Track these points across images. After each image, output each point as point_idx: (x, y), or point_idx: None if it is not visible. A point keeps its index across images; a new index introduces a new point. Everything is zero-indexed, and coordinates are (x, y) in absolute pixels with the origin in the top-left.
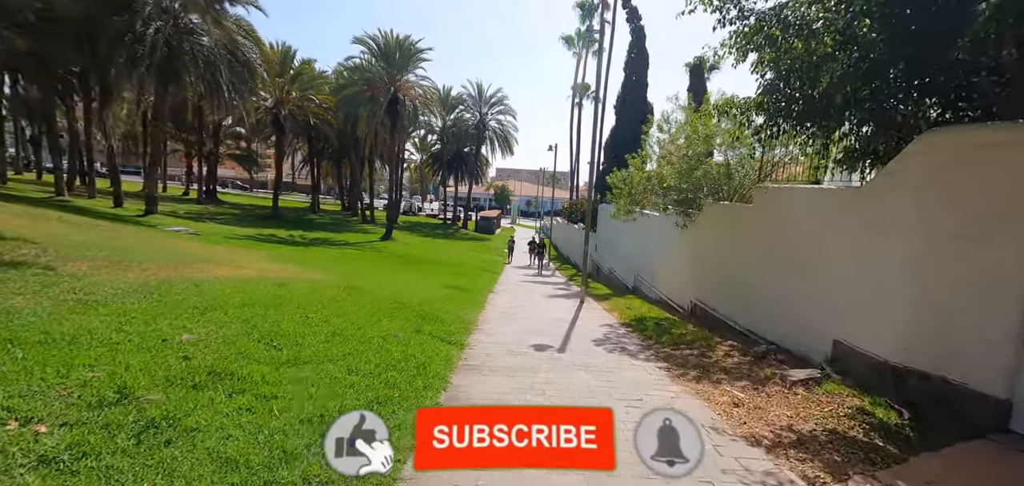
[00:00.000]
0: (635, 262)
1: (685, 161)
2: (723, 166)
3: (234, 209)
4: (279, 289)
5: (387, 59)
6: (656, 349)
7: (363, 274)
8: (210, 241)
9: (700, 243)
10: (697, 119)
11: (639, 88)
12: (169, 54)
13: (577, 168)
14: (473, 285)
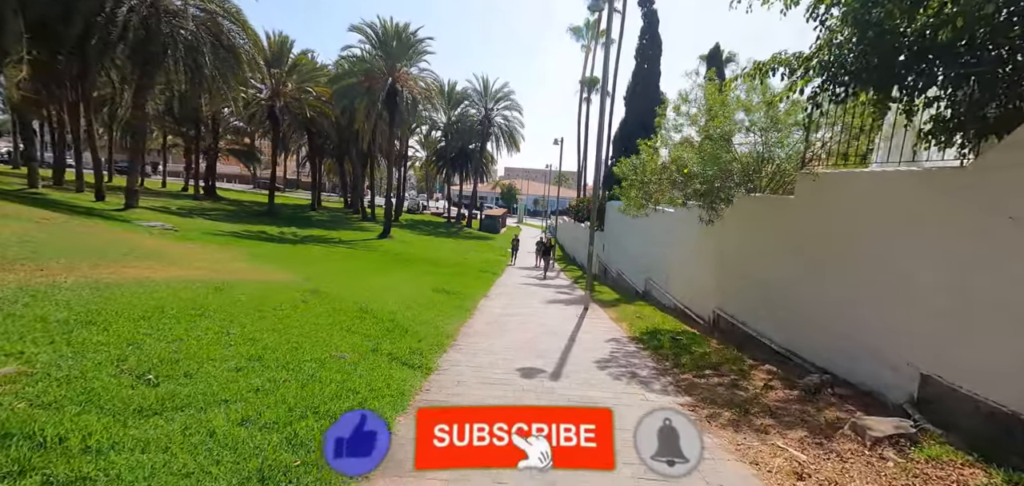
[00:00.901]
0: (646, 264)
1: (710, 144)
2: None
3: (231, 205)
4: (215, 294)
5: (385, 48)
6: (675, 374)
7: (340, 275)
8: (183, 238)
9: (726, 243)
10: (730, 85)
11: (651, 77)
12: (146, 37)
13: (584, 165)
14: (466, 288)
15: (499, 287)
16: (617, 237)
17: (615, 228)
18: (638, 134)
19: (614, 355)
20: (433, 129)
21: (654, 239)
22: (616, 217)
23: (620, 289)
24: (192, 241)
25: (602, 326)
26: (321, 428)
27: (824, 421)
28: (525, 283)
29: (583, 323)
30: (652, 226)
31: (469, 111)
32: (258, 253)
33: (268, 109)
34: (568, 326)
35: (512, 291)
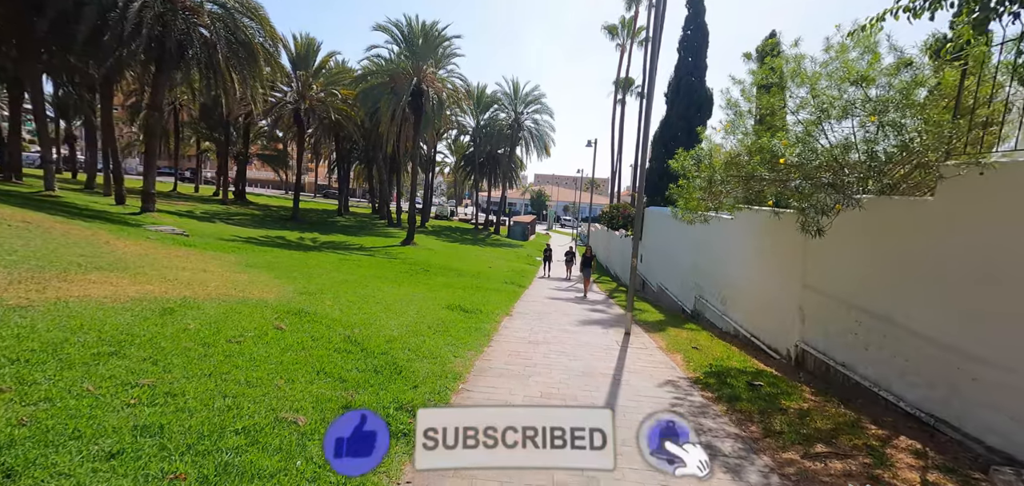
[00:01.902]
0: (697, 279)
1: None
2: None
3: (257, 210)
4: (157, 320)
5: (410, 47)
6: (772, 452)
7: (344, 288)
8: (186, 244)
9: (823, 258)
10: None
11: (696, 71)
12: (161, 33)
13: (619, 169)
14: (487, 303)
15: (525, 302)
16: (659, 247)
17: (657, 237)
18: (681, 133)
19: (675, 409)
20: (462, 133)
21: (709, 250)
22: (658, 225)
23: (663, 306)
24: (194, 248)
25: (651, 360)
26: None
27: None
28: (554, 297)
29: (627, 355)
30: (707, 235)
31: (498, 115)
32: (260, 261)
33: (294, 112)
34: (609, 361)
35: (540, 308)
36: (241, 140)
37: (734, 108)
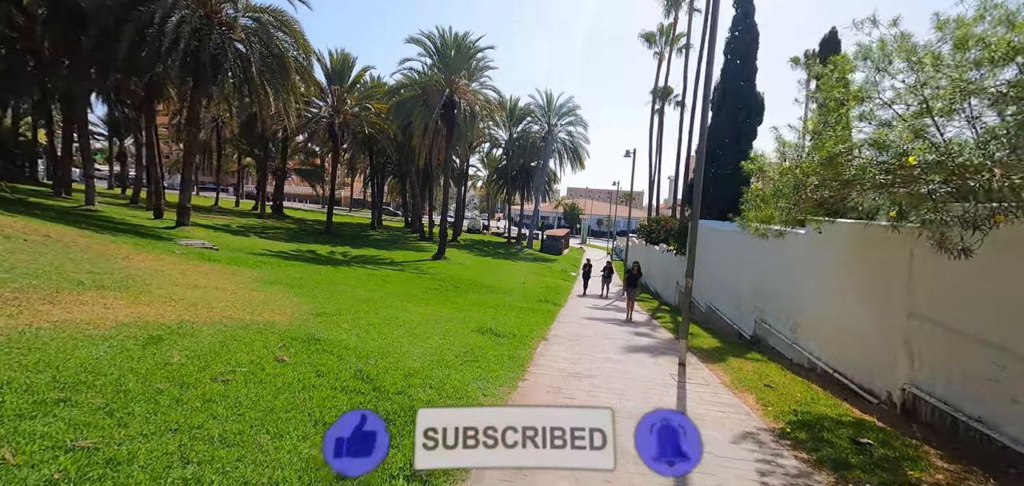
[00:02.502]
0: (758, 301)
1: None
2: None
3: (292, 224)
4: (138, 352)
5: (443, 59)
6: None
7: (366, 308)
8: (208, 259)
9: (950, 281)
10: None
11: (745, 74)
12: (197, 48)
13: (658, 180)
14: (520, 326)
15: (562, 323)
16: (709, 264)
17: (706, 253)
18: (730, 140)
19: (764, 476)
20: (494, 146)
21: (775, 269)
22: (708, 239)
23: (714, 329)
24: (218, 262)
25: (717, 401)
26: None
27: None
28: (593, 317)
29: (687, 393)
30: (773, 251)
31: (531, 127)
32: (283, 277)
33: (328, 126)
34: (666, 401)
35: (579, 331)
36: (279, 155)
37: (827, 97)
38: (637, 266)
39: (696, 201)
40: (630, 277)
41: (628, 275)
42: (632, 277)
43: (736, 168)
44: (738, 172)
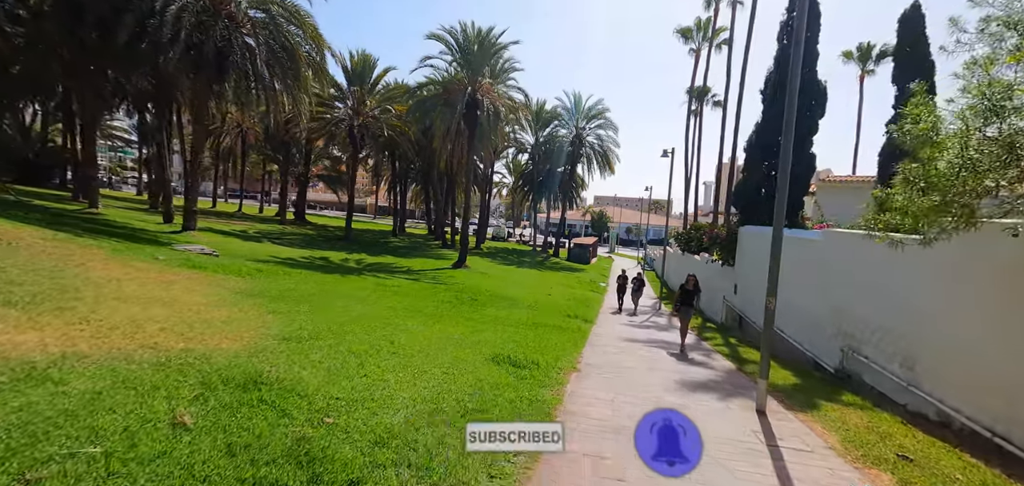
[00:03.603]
0: (847, 325)
1: None
2: None
3: (312, 230)
4: None
5: (465, 55)
6: None
7: (356, 328)
8: (200, 266)
9: None
10: None
11: (805, 59)
12: (201, 40)
13: (696, 185)
14: (545, 352)
15: (596, 346)
16: None
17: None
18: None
19: None
20: (520, 151)
21: (883, 287)
22: (763, 247)
23: (779, 355)
24: (203, 271)
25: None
26: None
27: None
28: (631, 336)
29: (788, 469)
30: (886, 265)
31: (558, 131)
32: (273, 289)
33: (348, 129)
34: (761, 482)
35: (617, 358)
36: (302, 161)
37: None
38: (694, 280)
39: (780, 204)
40: (684, 294)
41: (682, 292)
42: (687, 294)
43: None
44: (797, 172)
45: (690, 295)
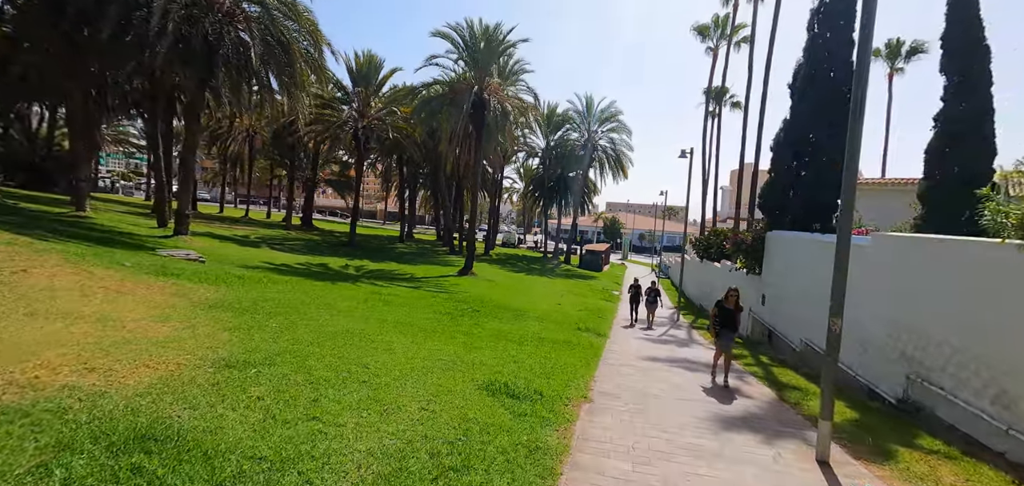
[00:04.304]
0: (911, 347)
1: None
2: None
3: (317, 236)
4: None
5: (471, 53)
6: None
7: (330, 348)
8: (173, 274)
9: None
10: None
11: (837, 49)
12: (189, 34)
13: (715, 188)
14: (550, 376)
15: (611, 366)
16: (802, 286)
17: (795, 272)
18: (822, 132)
19: None
20: (531, 155)
21: (968, 302)
22: (797, 255)
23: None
24: (177, 278)
25: None
26: None
27: None
28: (651, 355)
29: None
30: (970, 276)
31: (570, 135)
32: (247, 299)
33: (353, 131)
34: None
35: (634, 381)
36: (309, 166)
37: None
38: (737, 297)
39: (847, 202)
40: (724, 314)
41: (721, 311)
42: (728, 315)
43: (828, 166)
44: (830, 171)
45: (732, 316)
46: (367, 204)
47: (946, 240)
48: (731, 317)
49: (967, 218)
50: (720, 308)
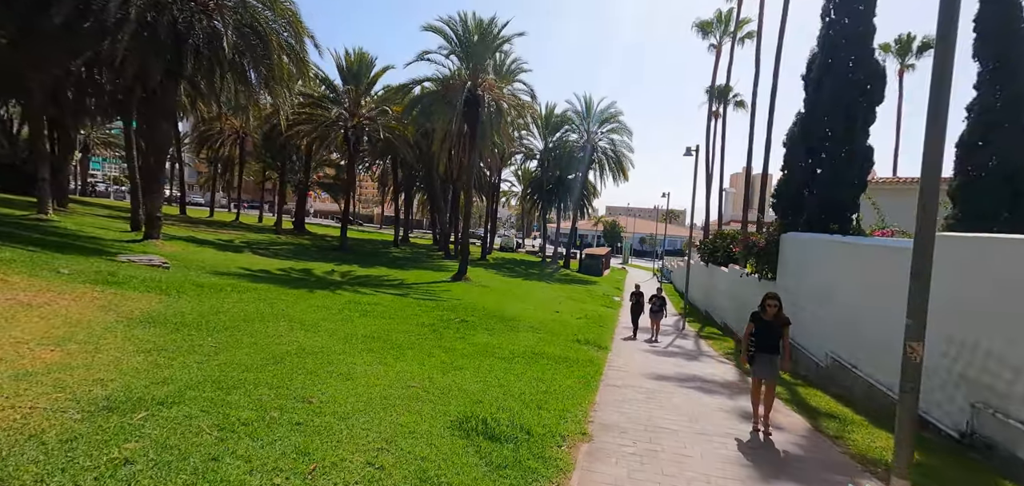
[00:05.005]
0: (986, 371)
1: None
2: None
3: (307, 241)
4: None
5: (464, 48)
6: None
7: (272, 375)
8: (117, 284)
9: None
10: None
11: (858, 35)
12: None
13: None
14: (542, 406)
15: (614, 388)
16: (824, 293)
17: (815, 277)
18: (838, 125)
19: None
20: (529, 157)
21: None
22: (817, 259)
23: (848, 394)
24: (122, 288)
25: None
26: None
27: None
28: (660, 373)
29: None
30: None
31: (569, 136)
32: (187, 313)
33: (342, 131)
34: None
35: (644, 413)
36: (302, 168)
37: None
38: (777, 307)
39: (929, 188)
40: (764, 330)
41: (759, 326)
42: (768, 331)
43: (847, 162)
44: (849, 167)
45: (773, 333)
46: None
47: (1012, 239)
48: (772, 334)
49: (1006, 218)
50: (757, 323)
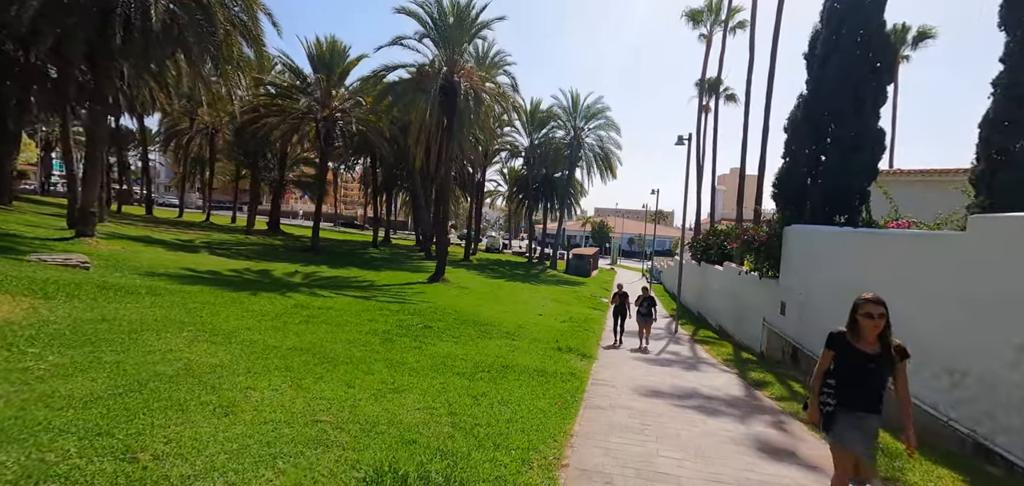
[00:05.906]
0: None
1: None
2: None
3: (278, 241)
4: None
5: (440, 31)
6: None
7: (131, 404)
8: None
9: None
10: None
11: (864, 11)
12: None
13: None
14: (500, 441)
15: (596, 412)
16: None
17: (822, 274)
18: (846, 105)
19: None
20: (514, 155)
21: None
22: (824, 254)
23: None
24: (3, 293)
25: None
26: None
27: None
28: (651, 389)
29: None
30: None
31: (555, 132)
32: (66, 320)
33: (314, 124)
34: None
35: (635, 447)
36: (276, 166)
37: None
38: (882, 320)
39: None
40: (857, 366)
41: (847, 360)
42: (870, 368)
43: (855, 146)
44: (859, 151)
45: (879, 375)
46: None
47: None
48: (873, 376)
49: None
50: (842, 353)
